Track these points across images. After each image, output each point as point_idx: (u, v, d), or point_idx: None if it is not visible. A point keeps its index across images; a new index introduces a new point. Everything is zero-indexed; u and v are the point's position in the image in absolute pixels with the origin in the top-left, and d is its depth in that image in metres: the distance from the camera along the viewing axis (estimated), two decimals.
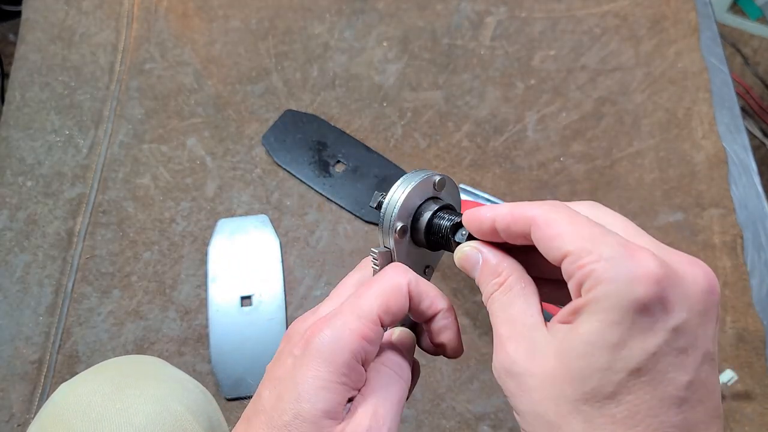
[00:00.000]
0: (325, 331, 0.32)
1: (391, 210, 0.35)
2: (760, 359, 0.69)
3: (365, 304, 0.32)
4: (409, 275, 0.34)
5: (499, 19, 0.90)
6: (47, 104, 0.84)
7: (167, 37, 0.88)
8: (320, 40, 0.88)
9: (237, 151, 0.81)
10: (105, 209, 0.77)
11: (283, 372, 0.32)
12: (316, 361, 0.31)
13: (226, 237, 0.76)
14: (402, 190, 0.36)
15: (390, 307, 0.33)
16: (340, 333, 0.31)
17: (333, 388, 0.31)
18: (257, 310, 0.72)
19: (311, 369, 0.31)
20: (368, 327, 0.32)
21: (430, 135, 0.82)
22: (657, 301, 0.26)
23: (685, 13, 0.89)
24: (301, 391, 0.31)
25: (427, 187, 0.36)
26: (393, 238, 0.36)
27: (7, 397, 0.67)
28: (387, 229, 0.36)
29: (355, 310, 0.32)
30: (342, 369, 0.31)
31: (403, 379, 0.35)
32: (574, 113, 0.83)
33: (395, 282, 0.33)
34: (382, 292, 0.33)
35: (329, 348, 0.31)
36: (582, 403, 0.27)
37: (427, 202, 0.37)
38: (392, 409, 0.33)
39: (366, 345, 0.32)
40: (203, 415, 0.49)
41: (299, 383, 0.31)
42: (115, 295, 0.73)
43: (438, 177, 0.37)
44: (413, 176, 0.36)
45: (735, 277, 0.73)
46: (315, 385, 0.31)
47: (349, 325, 0.32)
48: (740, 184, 0.79)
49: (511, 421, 0.67)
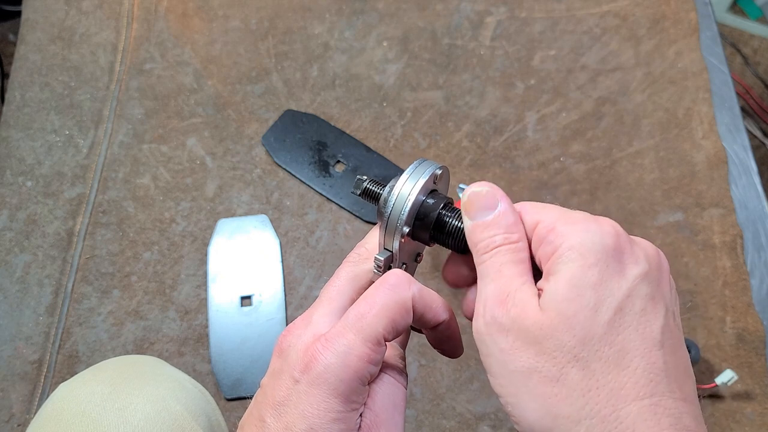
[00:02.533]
0: (328, 356, 0.30)
1: (397, 212, 0.34)
2: (760, 359, 0.69)
3: (370, 326, 0.31)
4: (413, 288, 0.32)
5: (499, 19, 0.90)
6: (47, 104, 0.84)
7: (167, 37, 0.88)
8: (320, 40, 0.88)
9: (237, 151, 0.81)
10: (105, 209, 0.77)
11: (284, 396, 0.31)
12: (324, 390, 0.30)
13: (226, 237, 0.76)
14: (408, 189, 0.34)
15: (396, 326, 0.32)
16: (346, 360, 0.30)
17: (345, 419, 0.30)
18: (257, 310, 0.72)
19: (321, 399, 0.30)
20: (374, 350, 0.31)
21: (430, 135, 0.82)
22: (623, 250, 0.30)
23: (685, 13, 0.89)
24: (313, 424, 0.29)
25: (429, 181, 0.35)
26: (399, 242, 0.34)
27: (7, 397, 0.67)
28: (392, 230, 0.34)
29: (360, 333, 0.31)
30: (351, 396, 0.30)
31: (403, 385, 0.34)
32: (574, 113, 0.83)
33: (400, 299, 0.32)
34: (387, 312, 0.31)
35: (336, 376, 0.30)
36: (580, 349, 0.28)
37: (429, 198, 0.35)
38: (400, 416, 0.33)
39: (372, 368, 0.31)
40: (202, 414, 0.49)
41: (309, 416, 0.30)
42: (115, 295, 0.73)
43: (440, 170, 0.35)
44: (417, 173, 0.34)
45: (735, 277, 0.73)
46: (328, 418, 0.29)
47: (355, 351, 0.30)
48: (740, 184, 0.79)
49: (511, 421, 0.67)
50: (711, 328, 0.71)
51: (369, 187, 0.36)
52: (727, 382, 0.65)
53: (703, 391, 0.67)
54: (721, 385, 0.65)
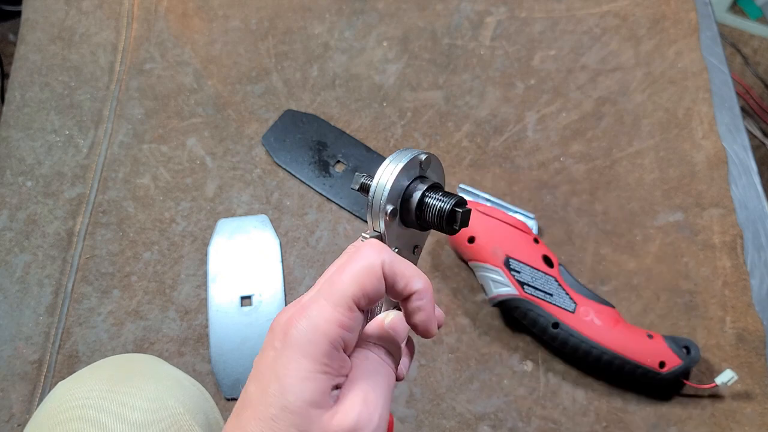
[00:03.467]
0: (301, 321, 0.32)
1: (380, 192, 0.35)
2: (760, 359, 0.69)
3: (338, 291, 0.32)
4: (384, 255, 0.33)
5: (499, 19, 0.90)
6: (47, 104, 0.84)
7: (167, 37, 0.88)
8: (320, 40, 0.88)
9: (237, 151, 0.81)
10: (105, 209, 0.77)
11: (264, 365, 0.32)
12: (296, 352, 0.31)
13: (226, 237, 0.76)
14: (390, 171, 0.35)
15: (365, 291, 0.32)
16: (316, 322, 0.31)
17: (315, 378, 0.31)
18: (257, 310, 0.72)
19: (292, 361, 0.31)
20: (344, 314, 0.32)
21: (430, 135, 0.82)
22: None
23: (685, 13, 0.89)
24: (284, 383, 0.31)
25: (413, 166, 0.36)
26: (384, 220, 0.35)
27: (7, 397, 0.67)
28: (377, 212, 0.35)
29: (330, 297, 0.32)
30: (322, 359, 0.31)
31: (391, 366, 0.35)
32: (574, 113, 0.83)
33: (368, 263, 0.33)
34: (355, 276, 0.32)
35: (306, 338, 0.31)
36: None
37: (415, 182, 0.36)
38: (382, 396, 0.33)
39: (343, 332, 0.32)
40: (200, 412, 0.49)
41: (281, 376, 0.31)
42: (115, 295, 0.73)
43: (424, 155, 0.36)
44: (399, 156, 0.35)
45: (735, 277, 0.73)
46: (298, 377, 0.31)
47: (324, 315, 0.32)
48: (740, 184, 0.79)
49: (511, 421, 0.67)
50: (711, 328, 0.71)
51: (364, 182, 0.36)
52: (727, 382, 0.65)
53: (703, 391, 0.67)
54: (721, 385, 0.65)
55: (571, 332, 0.66)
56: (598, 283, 0.73)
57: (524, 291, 0.67)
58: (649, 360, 0.65)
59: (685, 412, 0.67)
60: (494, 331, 0.71)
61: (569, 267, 0.74)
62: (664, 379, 0.65)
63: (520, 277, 0.67)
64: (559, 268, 0.69)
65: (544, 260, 0.69)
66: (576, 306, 0.67)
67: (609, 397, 0.68)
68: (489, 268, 0.68)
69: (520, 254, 0.68)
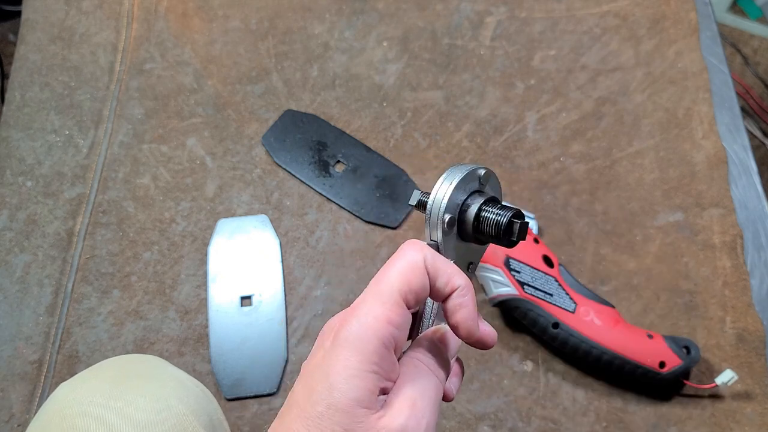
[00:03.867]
0: (351, 321, 0.32)
1: (438, 202, 0.35)
2: (760, 359, 0.69)
3: (386, 288, 0.32)
4: (425, 251, 0.34)
5: (499, 19, 0.90)
6: (47, 104, 0.84)
7: (167, 37, 0.88)
8: (320, 40, 0.88)
9: (237, 151, 0.81)
10: (105, 209, 0.77)
11: (313, 365, 0.32)
12: (345, 350, 0.31)
13: (226, 237, 0.76)
14: (449, 182, 0.35)
15: (411, 286, 0.33)
16: (365, 320, 0.32)
17: (364, 376, 0.31)
18: (257, 310, 0.72)
19: (341, 359, 0.31)
20: (392, 311, 0.32)
21: (430, 135, 0.82)
22: None
23: (685, 13, 0.89)
24: (332, 381, 0.31)
25: (472, 179, 0.36)
26: (441, 230, 0.35)
27: (7, 397, 0.67)
28: (435, 221, 0.35)
29: (377, 296, 0.32)
30: (372, 357, 0.31)
31: (438, 378, 0.35)
32: (574, 113, 0.83)
33: (412, 259, 0.33)
34: (400, 272, 0.33)
35: (356, 336, 0.31)
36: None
37: (473, 195, 0.36)
38: (430, 405, 0.33)
39: (393, 330, 0.32)
40: (204, 414, 0.49)
41: (330, 374, 0.31)
42: (115, 295, 0.73)
43: (483, 170, 0.37)
44: (458, 169, 0.36)
45: (735, 277, 0.73)
46: (345, 374, 0.31)
47: (373, 312, 0.32)
48: (740, 184, 0.79)
49: (511, 421, 0.67)
50: (711, 328, 0.71)
51: (422, 198, 0.37)
52: (727, 382, 0.65)
53: (703, 391, 0.67)
54: (721, 385, 0.65)
55: (571, 332, 0.66)
56: (598, 283, 0.73)
57: (524, 291, 0.67)
58: (649, 360, 0.65)
59: (685, 412, 0.67)
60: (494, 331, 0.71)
61: (569, 267, 0.74)
62: (664, 379, 0.65)
63: (520, 277, 0.67)
64: (559, 268, 0.69)
65: (544, 260, 0.69)
66: (576, 306, 0.67)
67: (609, 397, 0.68)
68: (489, 268, 0.68)
69: (520, 254, 0.68)
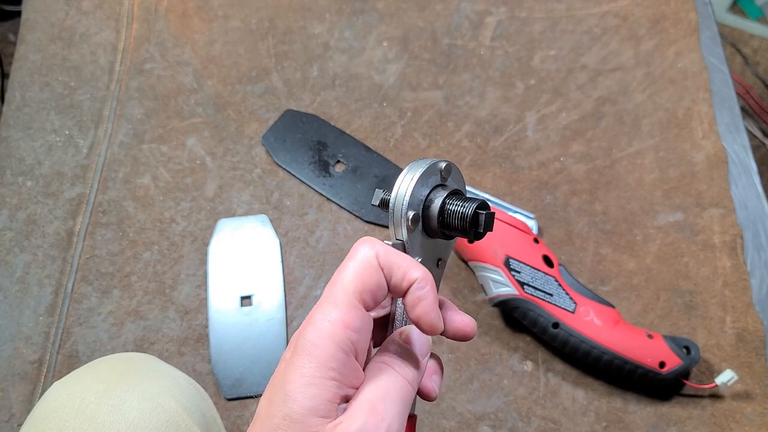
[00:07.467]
0: (307, 328, 0.31)
1: (401, 199, 0.34)
2: (760, 359, 0.69)
3: (340, 291, 0.31)
4: (377, 247, 0.33)
5: (499, 19, 0.90)
6: (47, 104, 0.84)
7: (167, 37, 0.88)
8: (320, 40, 0.88)
9: (237, 151, 0.81)
10: (105, 209, 0.77)
11: (275, 377, 0.32)
12: (302, 358, 0.30)
13: (226, 237, 0.76)
14: (410, 178, 0.34)
15: (366, 285, 0.32)
16: (321, 326, 0.31)
17: (320, 384, 0.30)
18: (257, 310, 0.72)
19: (297, 368, 0.30)
20: (349, 314, 0.31)
21: (430, 135, 0.82)
22: None
23: (685, 13, 0.89)
24: (288, 390, 0.30)
25: (433, 173, 0.35)
26: (406, 227, 0.34)
27: (7, 397, 0.67)
28: (398, 219, 0.34)
29: (332, 300, 0.31)
30: (329, 363, 0.30)
31: (406, 378, 0.33)
32: (574, 113, 0.83)
33: (364, 257, 0.32)
34: (354, 272, 0.32)
35: (312, 343, 0.30)
36: None
37: (436, 189, 0.36)
38: (393, 407, 0.31)
39: (351, 334, 0.31)
40: (197, 411, 0.49)
41: (287, 383, 0.30)
42: (115, 295, 0.73)
43: (444, 163, 0.36)
44: (418, 164, 0.35)
45: (735, 277, 0.73)
46: (301, 383, 0.30)
47: (328, 317, 0.31)
48: (740, 184, 0.79)
49: (511, 421, 0.67)
50: (711, 328, 0.71)
51: (384, 197, 0.36)
52: (727, 382, 0.65)
53: (703, 391, 0.67)
54: (721, 385, 0.65)
55: (571, 332, 0.66)
56: (598, 283, 0.73)
57: (524, 291, 0.67)
58: (649, 360, 0.65)
59: (685, 412, 0.67)
60: (494, 331, 0.71)
61: (569, 267, 0.74)
62: (664, 379, 0.65)
63: (520, 277, 0.67)
64: (559, 268, 0.69)
65: (544, 260, 0.69)
66: (576, 306, 0.67)
67: (609, 397, 0.68)
68: (489, 268, 0.68)
69: (520, 254, 0.68)
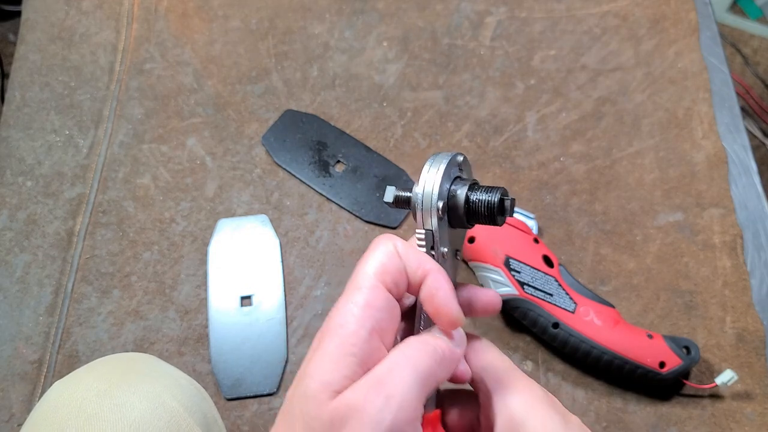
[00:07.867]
0: (332, 314, 0.32)
1: (429, 189, 0.36)
2: (760, 359, 0.69)
3: (361, 275, 0.32)
4: (395, 240, 0.34)
5: (499, 19, 0.90)
6: (47, 104, 0.84)
7: (167, 37, 0.88)
8: (320, 40, 0.88)
9: (237, 151, 0.81)
10: (105, 209, 0.77)
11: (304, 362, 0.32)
12: (325, 341, 0.31)
13: (226, 237, 0.76)
14: (436, 170, 0.36)
15: (386, 267, 0.32)
16: (344, 308, 0.31)
17: (337, 359, 0.30)
18: (257, 310, 0.72)
19: (320, 349, 0.31)
20: (370, 293, 0.32)
21: (430, 135, 0.82)
22: None
23: (685, 13, 0.89)
24: (308, 370, 0.30)
25: (453, 166, 0.37)
26: (437, 216, 0.36)
27: (7, 397, 0.67)
28: (428, 208, 0.36)
29: (353, 284, 0.32)
30: (349, 339, 0.30)
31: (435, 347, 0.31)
32: (574, 113, 0.83)
33: (383, 246, 0.33)
34: (374, 257, 0.33)
35: (336, 324, 0.31)
36: None
37: (456, 181, 0.37)
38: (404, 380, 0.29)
39: (373, 312, 0.31)
40: (198, 411, 0.49)
41: (308, 364, 0.31)
42: (115, 295, 0.73)
43: (461, 157, 0.38)
44: (440, 158, 0.37)
45: (735, 277, 0.73)
46: (321, 359, 0.30)
47: (351, 299, 0.32)
48: (740, 184, 0.79)
49: None
50: (711, 328, 0.71)
51: (398, 194, 0.37)
52: (727, 382, 0.65)
53: (703, 391, 0.67)
54: (721, 385, 0.65)
55: (571, 332, 0.66)
56: (598, 283, 0.73)
57: (524, 291, 0.67)
58: (649, 360, 0.65)
59: (685, 412, 0.67)
60: (494, 331, 0.71)
61: (569, 267, 0.74)
62: (664, 379, 0.65)
63: (520, 277, 0.67)
64: (559, 268, 0.69)
65: (544, 260, 0.69)
66: (576, 306, 0.67)
67: (609, 397, 0.68)
68: (489, 268, 0.68)
69: (520, 254, 0.68)
